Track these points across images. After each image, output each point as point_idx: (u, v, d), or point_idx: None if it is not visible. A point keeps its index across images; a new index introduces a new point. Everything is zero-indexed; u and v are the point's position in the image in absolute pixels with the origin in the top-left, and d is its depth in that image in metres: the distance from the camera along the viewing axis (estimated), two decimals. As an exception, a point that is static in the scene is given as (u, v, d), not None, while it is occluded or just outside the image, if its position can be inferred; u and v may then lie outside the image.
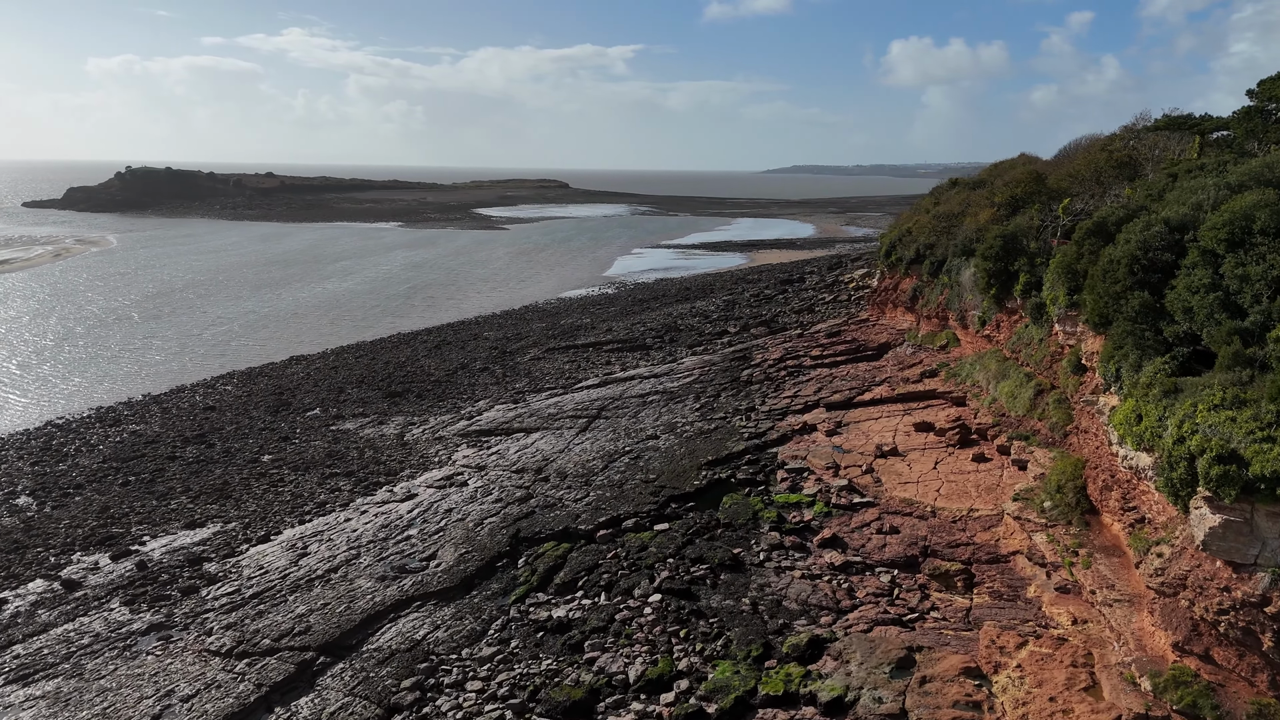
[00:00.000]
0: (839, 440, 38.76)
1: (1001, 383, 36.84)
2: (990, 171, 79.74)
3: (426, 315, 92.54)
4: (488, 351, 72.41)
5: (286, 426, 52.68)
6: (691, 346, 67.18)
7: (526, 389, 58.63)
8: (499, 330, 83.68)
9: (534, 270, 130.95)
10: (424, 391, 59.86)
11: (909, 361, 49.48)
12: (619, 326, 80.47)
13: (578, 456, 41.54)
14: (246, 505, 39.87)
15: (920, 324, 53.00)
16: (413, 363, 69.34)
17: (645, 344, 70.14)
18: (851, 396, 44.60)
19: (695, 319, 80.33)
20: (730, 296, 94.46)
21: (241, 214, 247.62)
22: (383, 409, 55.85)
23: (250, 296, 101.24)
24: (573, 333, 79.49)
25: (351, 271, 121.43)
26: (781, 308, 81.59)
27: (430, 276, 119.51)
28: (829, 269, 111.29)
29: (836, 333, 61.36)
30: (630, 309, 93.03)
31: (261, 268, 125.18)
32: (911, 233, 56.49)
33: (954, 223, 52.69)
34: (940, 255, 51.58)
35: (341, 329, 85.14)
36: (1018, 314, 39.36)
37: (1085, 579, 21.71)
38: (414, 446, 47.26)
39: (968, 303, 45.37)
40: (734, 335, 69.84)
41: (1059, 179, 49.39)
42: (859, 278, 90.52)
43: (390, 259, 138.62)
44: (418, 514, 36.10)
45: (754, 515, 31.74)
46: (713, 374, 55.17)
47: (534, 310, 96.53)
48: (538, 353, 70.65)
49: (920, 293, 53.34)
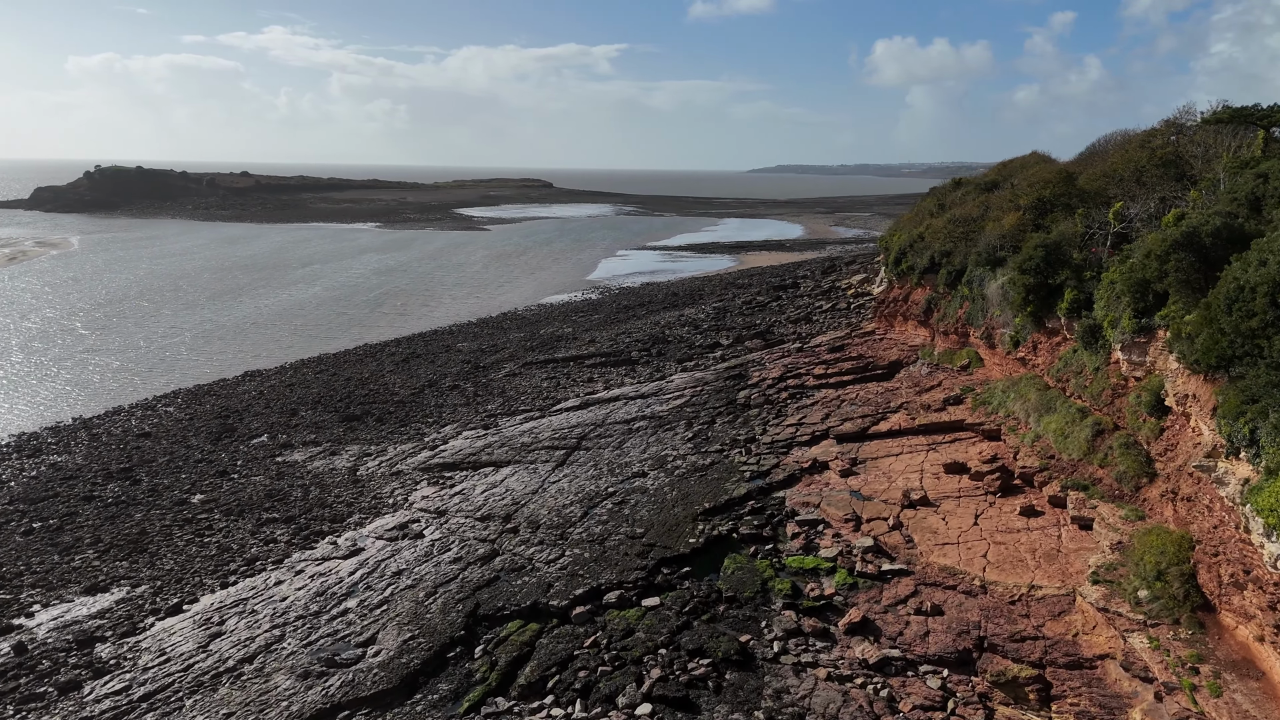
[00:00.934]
0: (856, 482, 33.32)
1: (1046, 417, 31.53)
2: (999, 170, 74.75)
3: (396, 324, 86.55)
4: (459, 366, 66.60)
5: (227, 458, 46.73)
6: (681, 361, 61.66)
7: (499, 411, 52.91)
8: (473, 341, 77.88)
9: (514, 274, 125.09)
10: (385, 414, 54.00)
11: (926, 383, 44.15)
12: (602, 337, 74.86)
13: (553, 499, 35.90)
14: (163, 562, 33.97)
15: (936, 340, 47.72)
16: (376, 379, 63.44)
17: (631, 358, 64.55)
18: (865, 426, 39.19)
19: (684, 329, 74.84)
20: (720, 303, 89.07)
21: (214, 214, 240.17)
22: (337, 435, 49.98)
23: (207, 304, 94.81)
24: (553, 344, 73.81)
25: (319, 276, 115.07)
26: (776, 316, 76.23)
27: (403, 282, 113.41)
28: (823, 273, 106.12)
29: (840, 347, 56.00)
30: (615, 317, 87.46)
31: (223, 272, 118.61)
32: (924, 238, 51.20)
33: (973, 228, 47.44)
34: (959, 264, 46.32)
35: (303, 340, 79.04)
36: (1060, 335, 34.07)
37: (1216, 712, 16.41)
38: (367, 484, 41.44)
39: (995, 319, 40.05)
40: (727, 348, 64.38)
41: (1091, 179, 44.25)
42: (857, 284, 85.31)
43: (361, 262, 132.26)
44: (361, 577, 30.35)
45: (763, 585, 26.24)
46: (705, 395, 49.66)
47: (512, 318, 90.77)
48: (514, 367, 64.90)
49: (935, 305, 48.05)
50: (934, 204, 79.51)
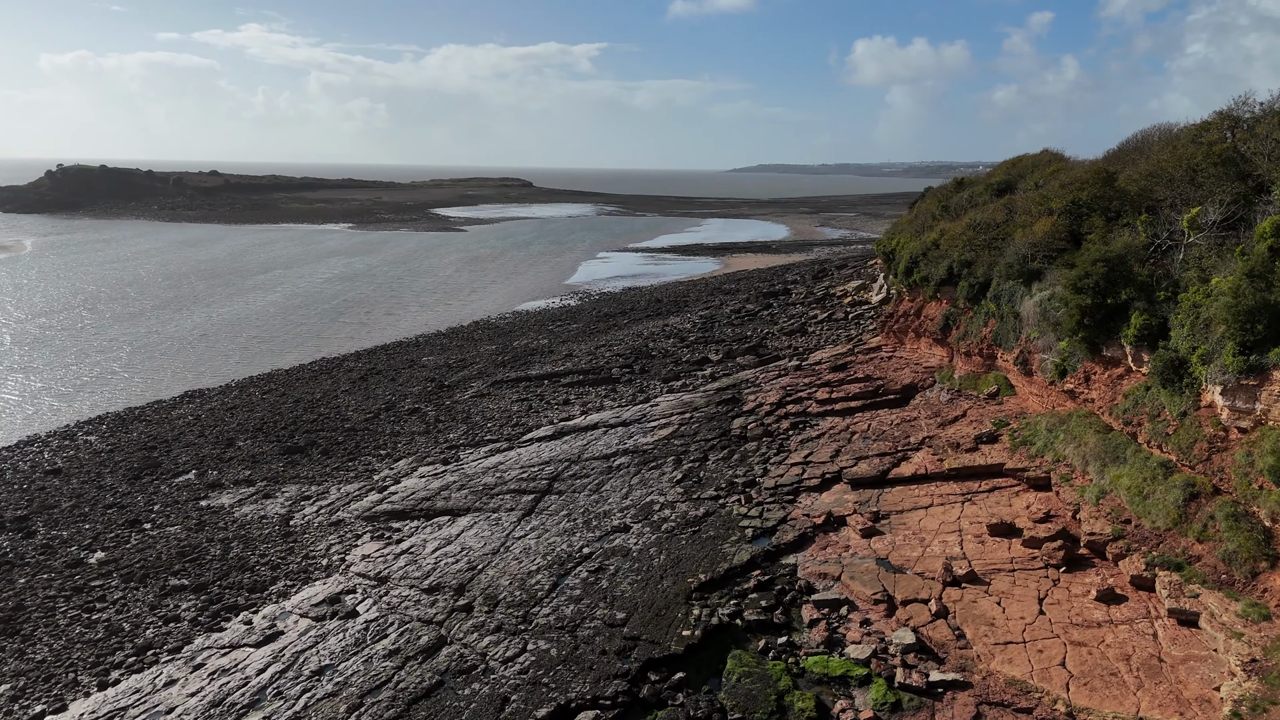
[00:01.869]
0: (883, 546, 27.58)
1: (1113, 468, 25.94)
2: (1008, 170, 69.54)
3: (358, 336, 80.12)
4: (422, 385, 60.37)
5: (143, 501, 40.37)
6: (667, 380, 55.77)
7: (462, 441, 46.80)
8: (440, 354, 71.65)
9: (488, 278, 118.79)
10: (333, 445, 47.73)
11: (948, 412, 38.56)
12: (581, 350, 68.87)
13: (517, 564, 29.92)
14: (35, 650, 27.66)
15: (956, 361, 42.15)
16: (328, 401, 57.11)
17: (611, 376, 58.59)
18: (885, 469, 33.49)
19: (669, 341, 68.99)
20: (707, 311, 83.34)
21: (180, 215, 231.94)
22: (275, 472, 43.70)
23: (153, 314, 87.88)
24: (526, 358, 67.74)
25: (279, 282, 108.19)
26: (768, 327, 70.56)
27: (368, 288, 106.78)
28: (814, 278, 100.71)
29: (843, 365, 50.36)
30: (594, 326, 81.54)
31: (177, 278, 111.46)
32: (939, 246, 45.61)
33: (997, 235, 41.91)
34: (982, 276, 40.76)
35: (254, 355, 72.49)
36: (1121, 366, 28.50)
37: None
38: (300, 538, 35.24)
39: (1034, 343, 34.44)
40: (717, 365, 58.60)
41: (1132, 179, 38.83)
42: (853, 291, 79.84)
43: (326, 267, 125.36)
44: (272, 676, 24.25)
45: (779, 702, 20.42)
46: (696, 424, 43.83)
47: (484, 328, 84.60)
48: (482, 386, 58.77)
49: (955, 322, 42.48)
50: (936, 206, 74.20)
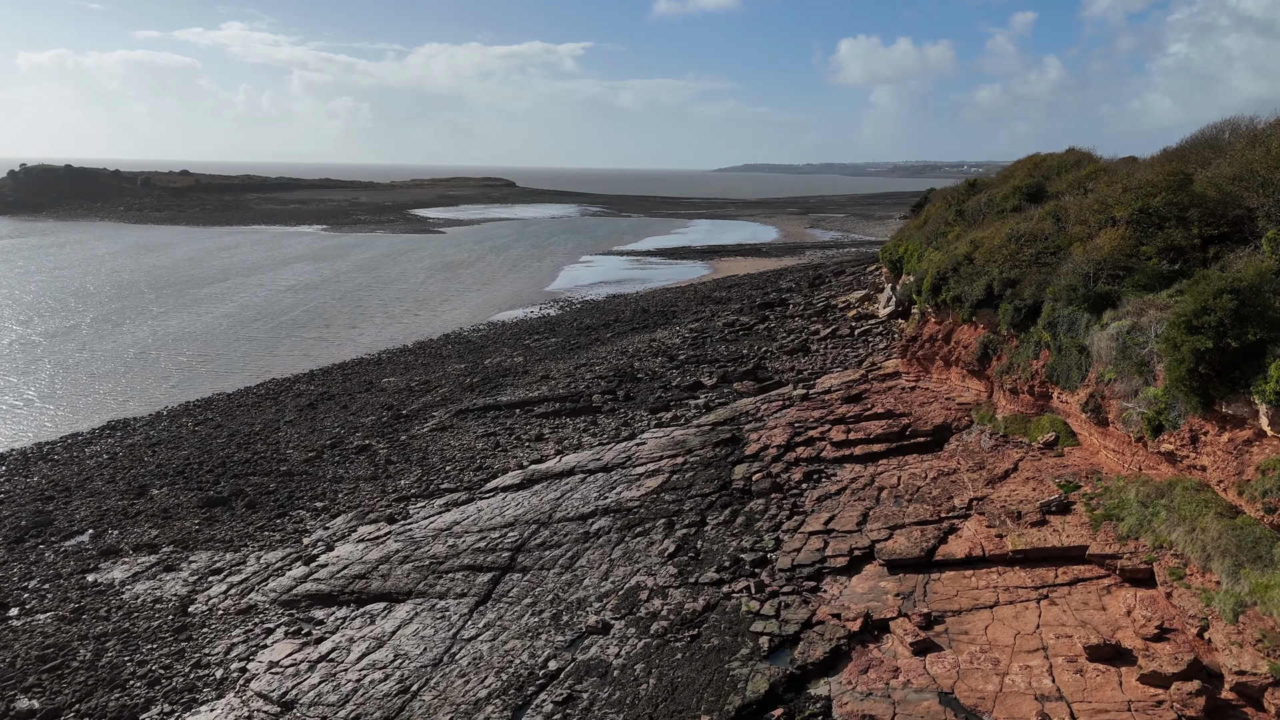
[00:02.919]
0: (943, 669, 20.84)
1: (1255, 572, 19.32)
2: (1030, 171, 63.29)
3: (314, 353, 72.83)
4: (377, 414, 53.25)
5: (19, 574, 33.12)
6: (655, 410, 48.88)
7: (414, 490, 39.73)
8: (403, 374, 64.55)
9: (463, 285, 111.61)
10: (263, 494, 40.56)
11: (995, 464, 31.92)
12: (559, 371, 61.93)
13: (463, 685, 22.98)
14: None
15: (998, 398, 35.51)
16: (268, 434, 49.93)
17: (591, 404, 51.66)
18: (930, 545, 26.75)
19: (657, 360, 62.13)
20: (698, 324, 76.59)
21: (147, 216, 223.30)
22: (188, 532, 36.50)
23: (90, 329, 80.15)
24: (497, 380, 60.74)
25: (234, 292, 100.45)
26: (766, 344, 63.81)
27: (331, 297, 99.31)
28: (810, 285, 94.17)
29: (858, 396, 43.68)
30: (575, 340, 74.67)
31: (124, 287, 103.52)
32: (972, 260, 38.96)
33: (1045, 248, 35.32)
34: (1030, 298, 34.13)
35: (194, 377, 65.10)
36: (1249, 428, 21.92)
37: None
38: (196, 632, 28.11)
39: (1110, 386, 27.78)
40: (711, 391, 51.79)
41: (1211, 182, 32.38)
42: (856, 303, 73.29)
43: (289, 273, 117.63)
44: None
45: None
46: (690, 470, 37.00)
47: (455, 342, 77.54)
48: (444, 417, 51.69)
49: (996, 351, 35.83)
50: (948, 211, 67.96)
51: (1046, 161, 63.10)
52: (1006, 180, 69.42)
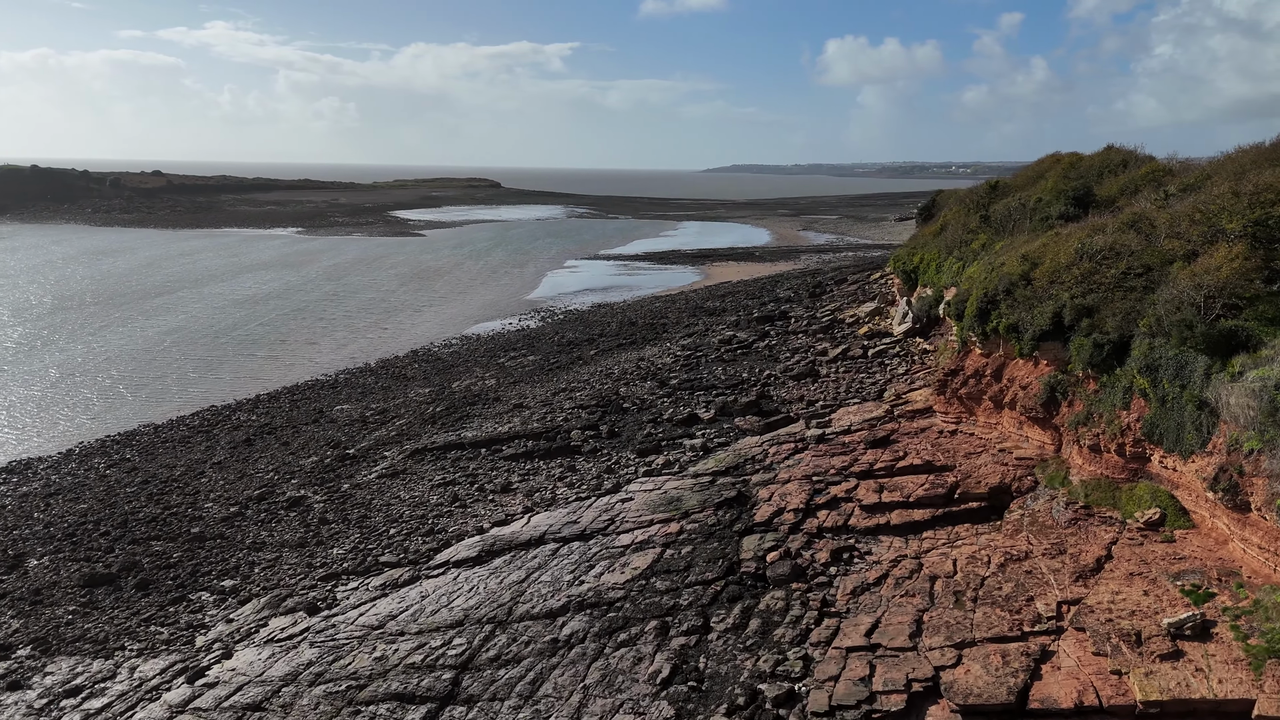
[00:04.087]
0: None
1: None
2: (1065, 172, 56.55)
3: (263, 374, 65.25)
4: (320, 452, 45.82)
5: None
6: (644, 452, 41.53)
7: (346, 565, 32.28)
8: (359, 401, 57.14)
9: (438, 293, 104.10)
10: (161, 567, 33.05)
11: (1080, 548, 24.82)
12: (535, 397, 54.62)
13: None
14: None
15: (1071, 454, 28.42)
16: (189, 480, 42.43)
17: (570, 442, 44.30)
18: (1022, 684, 19.58)
19: (646, 385, 54.85)
20: (690, 340, 69.38)
21: (115, 218, 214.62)
22: (56, 625, 28.97)
23: (12, 347, 72.15)
24: (464, 408, 53.39)
25: (183, 304, 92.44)
26: (769, 366, 56.61)
27: (291, 309, 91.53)
28: (810, 294, 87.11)
29: (885, 439, 36.57)
30: (555, 358, 67.42)
31: (66, 298, 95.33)
32: (1031, 281, 31.85)
33: (1131, 266, 28.26)
34: (1116, 331, 27.05)
35: (121, 404, 57.44)
36: None
37: None
38: (19, 801, 20.75)
39: (1255, 460, 20.66)
40: (709, 426, 44.57)
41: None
42: (866, 317, 66.25)
43: (250, 282, 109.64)
44: None
45: None
46: (687, 545, 29.76)
47: (422, 360, 70.15)
48: (397, 458, 44.29)
49: (1067, 395, 28.74)
50: (969, 216, 61.24)
51: (1084, 161, 56.30)
52: (1035, 181, 62.68)
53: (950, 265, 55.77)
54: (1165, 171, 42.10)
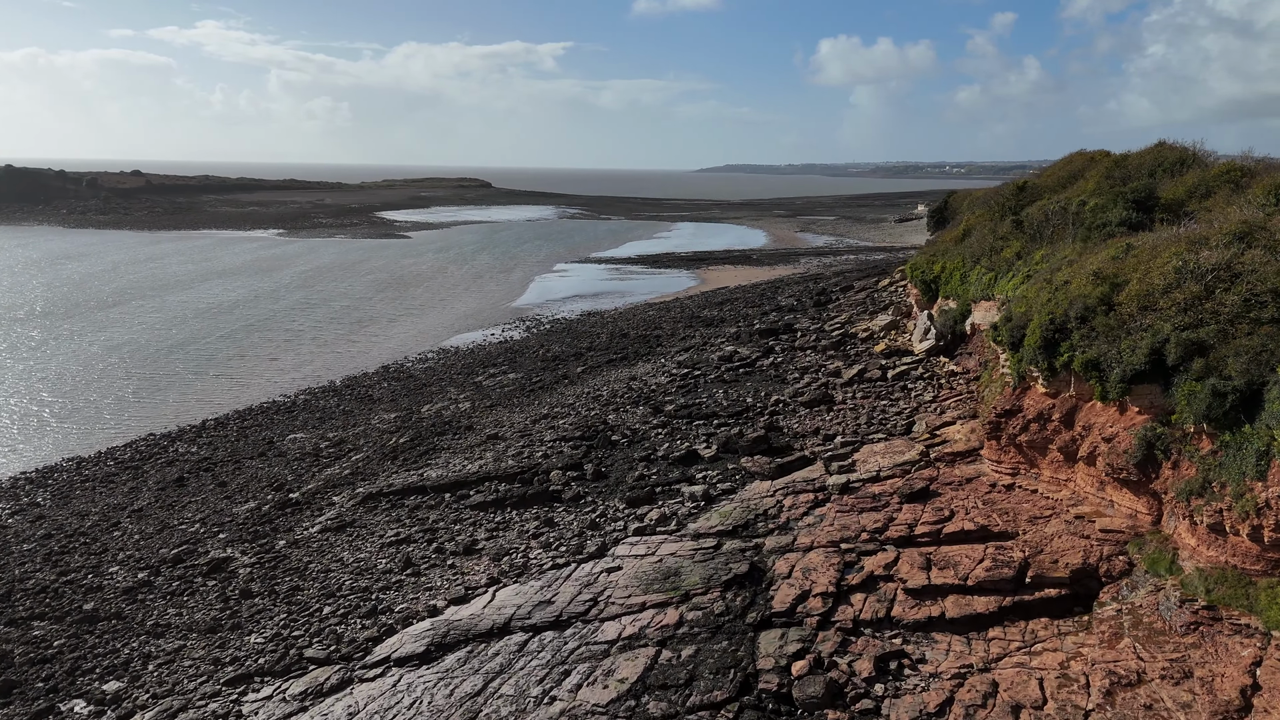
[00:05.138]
0: None
1: None
2: (1108, 172, 50.72)
3: (214, 395, 58.83)
4: (259, 498, 39.45)
5: None
6: (635, 502, 35.16)
7: (264, 657, 25.82)
8: (316, 428, 50.89)
9: (417, 301, 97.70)
10: (33, 662, 26.45)
11: (1215, 672, 18.72)
12: (513, 426, 48.36)
13: None
14: None
15: (1179, 531, 22.25)
16: (97, 536, 36.00)
17: (549, 485, 37.97)
18: None
19: (639, 411, 48.56)
20: (687, 355, 63.13)
21: (89, 220, 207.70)
22: (-121, 753, 22.65)
23: (-63, 365, 65.65)
24: (432, 439, 47.12)
25: (138, 315, 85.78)
26: (775, 389, 50.28)
27: (256, 319, 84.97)
28: (815, 302, 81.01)
29: (923, 491, 30.39)
30: (538, 376, 61.24)
31: (7, 309, 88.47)
32: (1111, 304, 25.69)
33: (1256, 290, 22.11)
34: (1242, 377, 20.89)
35: (42, 434, 51.01)
36: None
37: None
38: None
39: None
40: (710, 465, 38.27)
41: None
42: (881, 331, 60.09)
43: (215, 289, 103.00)
44: None
45: None
46: (689, 645, 23.51)
47: (393, 376, 63.92)
48: (345, 505, 37.90)
49: (1171, 454, 22.60)
50: (999, 221, 55.39)
51: (1129, 160, 50.32)
52: (1068, 183, 56.78)
53: (978, 276, 49.84)
54: (1243, 172, 36.06)
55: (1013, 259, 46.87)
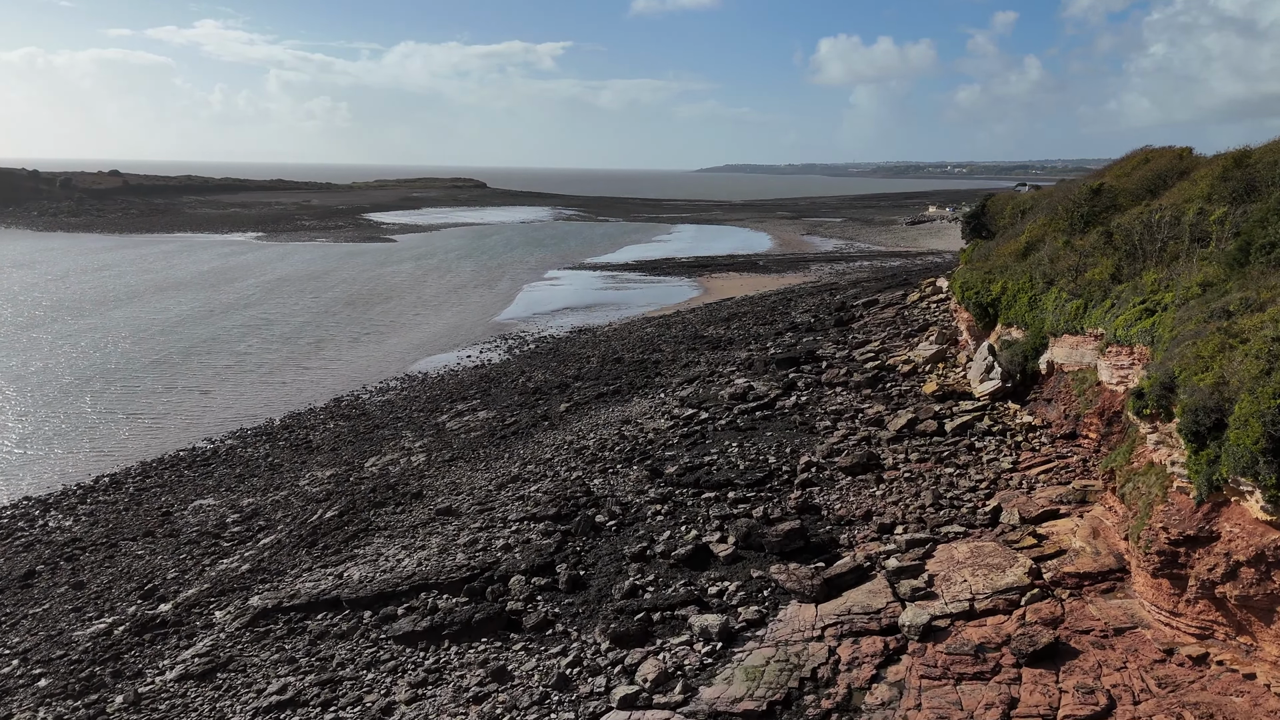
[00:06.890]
0: None
1: None
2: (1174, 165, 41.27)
3: (118, 444, 48.61)
4: (115, 612, 29.23)
5: None
6: (620, 638, 24.85)
7: None
8: (230, 489, 40.67)
9: (389, 315, 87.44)
10: None
11: None
12: (471, 495, 38.11)
13: None
14: None
15: None
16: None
17: (507, 599, 27.63)
18: None
19: (632, 474, 38.19)
20: (691, 389, 52.95)
21: (61, 222, 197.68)
22: None
23: None
24: (367, 514, 36.88)
25: (65, 336, 75.36)
26: (806, 444, 39.80)
27: (199, 339, 74.67)
28: (835, 321, 70.76)
29: (1049, 653, 20.22)
30: (513, 414, 51.17)
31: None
32: None
33: None
34: None
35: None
36: None
37: None
38: None
39: None
40: (725, 572, 27.96)
41: None
42: (925, 364, 49.76)
43: (163, 304, 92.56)
44: None
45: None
46: None
47: (343, 414, 53.83)
48: (229, 628, 27.61)
49: None
50: (1076, 232, 45.55)
51: (1251, 158, 40.07)
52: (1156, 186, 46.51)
53: (1057, 302, 39.94)
54: None
55: (1107, 282, 36.99)
